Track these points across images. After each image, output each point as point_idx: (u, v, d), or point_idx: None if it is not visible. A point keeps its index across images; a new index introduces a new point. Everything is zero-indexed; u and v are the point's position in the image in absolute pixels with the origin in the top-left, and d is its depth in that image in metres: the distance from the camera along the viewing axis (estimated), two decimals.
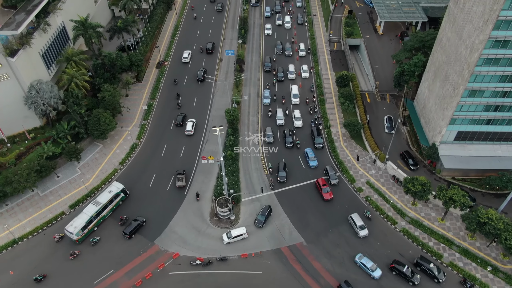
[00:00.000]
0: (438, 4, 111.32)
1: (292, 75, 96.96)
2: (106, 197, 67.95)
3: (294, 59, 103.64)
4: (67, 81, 79.77)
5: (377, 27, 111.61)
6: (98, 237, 66.51)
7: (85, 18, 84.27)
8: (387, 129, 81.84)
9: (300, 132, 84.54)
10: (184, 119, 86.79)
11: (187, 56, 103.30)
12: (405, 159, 75.91)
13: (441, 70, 71.34)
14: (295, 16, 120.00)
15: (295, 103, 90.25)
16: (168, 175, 76.56)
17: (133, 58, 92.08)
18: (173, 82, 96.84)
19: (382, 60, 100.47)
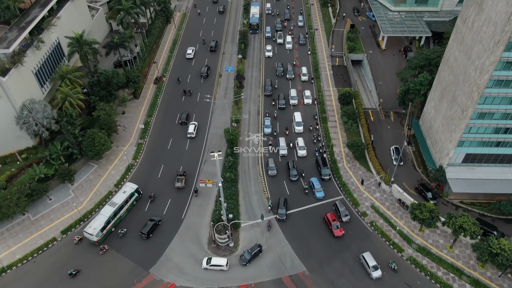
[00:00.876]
0: (441, 18, 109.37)
1: (294, 101, 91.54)
2: (122, 197, 68.71)
3: (296, 83, 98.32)
4: (61, 100, 77.17)
5: (380, 42, 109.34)
6: (125, 229, 67.51)
7: (81, 34, 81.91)
8: (395, 161, 76.32)
9: (304, 161, 79.33)
10: (188, 118, 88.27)
11: (191, 52, 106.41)
12: (422, 193, 71.18)
13: (448, 90, 68.72)
14: (296, 36, 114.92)
15: (299, 131, 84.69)
16: (165, 198, 73.64)
17: (130, 75, 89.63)
18: (177, 80, 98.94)
19: (385, 76, 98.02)
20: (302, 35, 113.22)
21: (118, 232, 67.44)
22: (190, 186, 75.64)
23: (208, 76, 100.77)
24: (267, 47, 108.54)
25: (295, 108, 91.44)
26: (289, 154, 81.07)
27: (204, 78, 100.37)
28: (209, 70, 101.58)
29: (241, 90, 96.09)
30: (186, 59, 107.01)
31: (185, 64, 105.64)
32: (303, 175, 76.05)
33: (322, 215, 69.67)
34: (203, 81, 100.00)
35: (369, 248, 64.66)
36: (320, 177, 75.50)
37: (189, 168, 78.73)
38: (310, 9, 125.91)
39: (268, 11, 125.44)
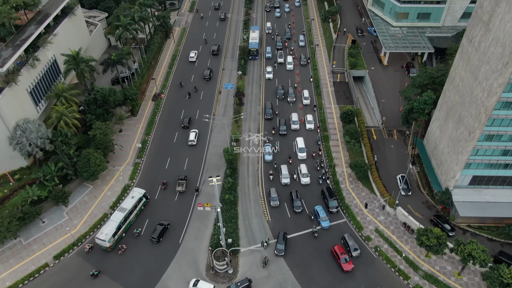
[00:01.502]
0: (444, 34, 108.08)
1: (296, 126, 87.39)
2: (130, 202, 69.24)
3: (297, 107, 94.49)
4: (56, 119, 75.16)
5: (381, 58, 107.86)
6: (140, 228, 68.62)
7: (77, 52, 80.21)
8: (403, 191, 72.26)
9: (307, 190, 75.43)
10: (190, 122, 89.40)
11: (193, 56, 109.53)
12: (439, 225, 67.21)
13: (454, 110, 66.74)
14: (297, 57, 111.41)
15: (302, 158, 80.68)
16: (162, 220, 71.12)
17: (127, 92, 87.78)
18: (179, 85, 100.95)
19: (388, 92, 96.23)
20: (304, 55, 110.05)
21: (134, 232, 68.47)
22: (191, 190, 76.44)
23: (210, 78, 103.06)
24: (267, 68, 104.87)
25: (297, 133, 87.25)
26: (292, 182, 77.07)
27: (207, 80, 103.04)
28: (212, 72, 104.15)
29: (241, 107, 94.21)
30: (189, 62, 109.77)
31: (188, 67, 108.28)
32: (312, 218, 70.46)
33: (326, 241, 67.03)
34: (205, 83, 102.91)
35: (374, 275, 62.04)
36: (328, 210, 70.86)
37: (187, 189, 76.40)
38: (311, 24, 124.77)
39: (269, 31, 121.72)
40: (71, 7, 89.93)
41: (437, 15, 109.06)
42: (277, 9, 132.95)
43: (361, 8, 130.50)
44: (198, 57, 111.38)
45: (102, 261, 64.73)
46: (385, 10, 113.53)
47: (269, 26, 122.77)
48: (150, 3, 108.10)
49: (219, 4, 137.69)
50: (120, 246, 66.26)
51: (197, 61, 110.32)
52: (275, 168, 79.35)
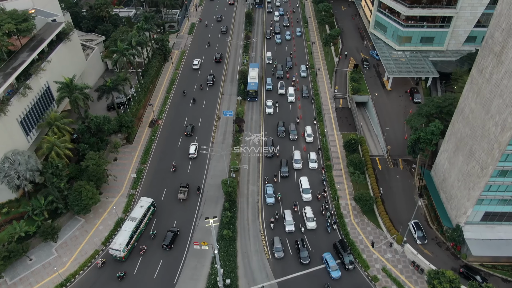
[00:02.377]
0: (447, 58, 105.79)
1: (298, 165, 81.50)
2: (140, 212, 69.52)
3: (300, 144, 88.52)
4: (47, 150, 71.96)
5: (384, 82, 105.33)
6: (155, 230, 70.14)
7: (71, 79, 77.53)
8: (419, 240, 66.48)
9: (313, 235, 69.88)
10: (193, 130, 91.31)
11: (197, 63, 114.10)
12: (470, 278, 61.19)
13: (464, 143, 63.52)
14: (299, 88, 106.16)
15: (307, 199, 75.09)
16: (156, 259, 67.21)
17: (123, 120, 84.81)
18: (182, 93, 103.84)
19: (392, 119, 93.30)
20: (306, 86, 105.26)
21: (150, 234, 69.57)
22: (192, 197, 76.52)
23: (213, 84, 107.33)
24: (267, 102, 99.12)
25: (300, 173, 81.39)
26: (296, 229, 70.86)
27: (210, 86, 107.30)
28: (214, 78, 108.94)
29: (240, 134, 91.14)
30: (193, 70, 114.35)
31: (192, 75, 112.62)
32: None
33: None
34: (208, 89, 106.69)
35: None
36: (344, 267, 64.06)
37: (183, 225, 72.63)
38: (312, 47, 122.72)
39: (269, 61, 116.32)
40: (66, 32, 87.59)
41: (440, 39, 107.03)
42: (277, 35, 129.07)
43: (362, 30, 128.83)
44: (202, 65, 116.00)
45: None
46: (387, 33, 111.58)
47: (270, 56, 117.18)
48: (148, 27, 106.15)
49: (221, 16, 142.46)
50: (141, 247, 67.55)
51: (200, 69, 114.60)
52: (276, 219, 72.24)
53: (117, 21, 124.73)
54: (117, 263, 65.88)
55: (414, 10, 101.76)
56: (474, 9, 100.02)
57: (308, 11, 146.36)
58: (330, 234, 70.37)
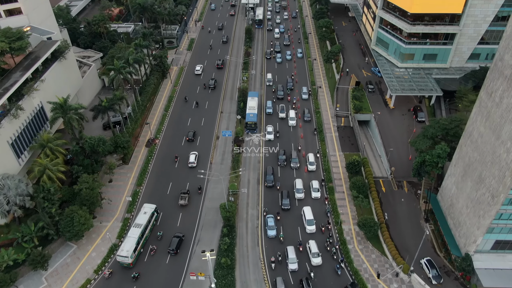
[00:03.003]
0: (451, 75, 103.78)
1: (301, 194, 76.80)
2: (144, 218, 69.67)
3: (302, 172, 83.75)
4: (38, 174, 69.27)
5: (387, 100, 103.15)
6: (162, 231, 71.37)
7: (65, 99, 75.25)
8: (434, 280, 61.73)
9: (320, 273, 64.67)
10: (195, 135, 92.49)
11: (199, 69, 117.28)
12: None
13: (472, 168, 60.86)
14: (301, 112, 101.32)
15: (311, 231, 70.61)
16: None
17: (118, 140, 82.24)
18: (184, 99, 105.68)
19: (395, 139, 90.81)
20: (307, 109, 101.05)
21: (157, 235, 70.74)
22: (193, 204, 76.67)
23: (215, 88, 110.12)
24: (268, 128, 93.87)
25: (303, 202, 76.75)
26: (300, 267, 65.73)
27: (212, 89, 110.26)
28: (216, 82, 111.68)
29: (239, 154, 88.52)
30: (195, 75, 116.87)
31: (194, 80, 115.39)
32: None
33: None
34: (210, 92, 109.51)
35: None
36: None
37: (181, 252, 69.58)
38: (313, 64, 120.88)
39: (269, 83, 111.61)
40: (61, 50, 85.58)
41: (443, 56, 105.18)
42: (278, 54, 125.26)
43: (364, 47, 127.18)
44: (204, 70, 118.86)
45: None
46: (390, 50, 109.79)
47: (270, 78, 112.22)
48: (146, 44, 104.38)
49: (222, 25, 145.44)
50: (152, 247, 68.69)
51: (203, 74, 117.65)
52: (279, 260, 67.07)
53: (115, 37, 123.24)
54: (125, 271, 65.64)
55: (416, 27, 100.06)
56: (478, 26, 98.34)
57: (308, 26, 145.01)
58: (341, 277, 64.74)
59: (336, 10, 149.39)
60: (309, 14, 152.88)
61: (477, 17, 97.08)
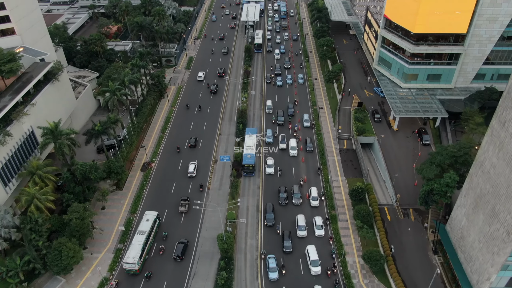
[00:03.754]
0: (456, 96, 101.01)
1: (303, 232, 71.08)
2: (147, 225, 69.91)
3: (304, 209, 77.57)
4: (26, 203, 65.75)
5: (391, 122, 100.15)
6: (166, 232, 72.94)
7: (56, 124, 72.17)
8: None
9: None
10: (197, 141, 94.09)
11: (201, 75, 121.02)
12: None
13: (485, 201, 57.40)
14: (303, 141, 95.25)
15: (316, 273, 65.26)
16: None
17: (112, 165, 78.94)
18: (185, 107, 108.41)
19: (400, 163, 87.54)
20: (309, 138, 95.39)
21: (162, 235, 72.12)
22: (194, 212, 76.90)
23: (216, 92, 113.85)
24: (267, 161, 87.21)
25: (306, 241, 71.20)
26: None
27: (214, 94, 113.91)
28: (217, 87, 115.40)
29: (238, 179, 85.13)
30: (197, 81, 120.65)
31: (197, 86, 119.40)
32: None
33: None
34: (212, 97, 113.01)
35: None
36: None
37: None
38: (314, 83, 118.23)
39: (269, 110, 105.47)
40: (54, 72, 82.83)
41: (448, 77, 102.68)
42: (278, 77, 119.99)
43: (365, 66, 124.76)
44: (206, 77, 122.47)
45: None
46: (392, 70, 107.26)
47: (270, 106, 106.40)
48: (143, 64, 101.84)
49: (223, 35, 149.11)
50: (161, 247, 70.07)
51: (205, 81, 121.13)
52: None
53: (112, 56, 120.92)
54: (131, 279, 65.48)
55: (420, 48, 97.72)
56: (483, 46, 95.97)
57: (309, 44, 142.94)
58: None
59: (337, 27, 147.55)
60: (309, 32, 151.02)
61: (482, 37, 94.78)
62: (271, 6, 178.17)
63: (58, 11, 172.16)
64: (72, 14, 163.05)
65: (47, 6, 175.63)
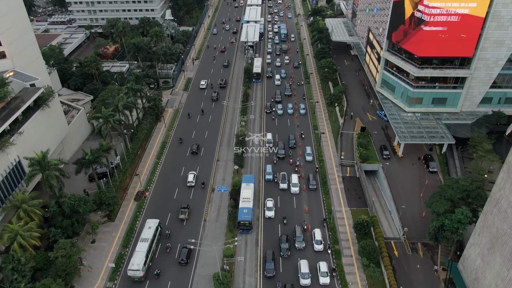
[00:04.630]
0: (462, 121, 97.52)
1: (307, 281, 65.16)
2: (150, 232, 70.78)
3: (307, 254, 71.23)
4: (8, 241, 61.41)
5: (395, 147, 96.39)
6: (169, 231, 75.37)
7: (44, 154, 68.36)
8: None
9: None
10: (199, 148, 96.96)
11: (204, 83, 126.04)
12: None
13: (502, 242, 53.12)
14: (305, 179, 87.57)
15: None
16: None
17: (103, 196, 74.79)
18: (187, 116, 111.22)
19: (406, 192, 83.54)
20: (312, 175, 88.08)
21: (166, 233, 74.94)
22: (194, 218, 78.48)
23: (217, 99, 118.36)
24: (267, 203, 79.96)
25: None
26: None
27: (215, 101, 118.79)
28: (218, 95, 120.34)
29: (236, 210, 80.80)
30: (200, 89, 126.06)
31: (199, 93, 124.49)
32: None
33: None
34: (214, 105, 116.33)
35: None
36: None
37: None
38: (315, 106, 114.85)
39: (269, 144, 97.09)
40: (45, 98, 79.37)
41: (454, 100, 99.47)
42: (278, 105, 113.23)
43: (368, 87, 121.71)
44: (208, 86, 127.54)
45: None
46: (396, 93, 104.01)
47: (270, 139, 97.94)
48: (139, 87, 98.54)
49: (224, 47, 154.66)
50: (167, 245, 72.51)
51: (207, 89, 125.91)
52: None
53: (108, 78, 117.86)
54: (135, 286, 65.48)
55: (425, 71, 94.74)
56: (490, 69, 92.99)
57: (309, 65, 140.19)
58: None
59: (338, 48, 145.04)
60: (310, 53, 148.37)
61: (489, 61, 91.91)
62: (271, 27, 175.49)
63: (55, 31, 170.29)
64: (69, 34, 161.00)
65: (45, 26, 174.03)
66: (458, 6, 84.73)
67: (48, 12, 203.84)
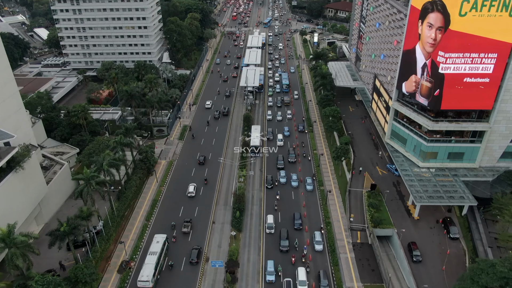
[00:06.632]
0: (482, 178, 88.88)
1: None
2: (158, 246, 72.94)
3: None
4: None
5: (410, 208, 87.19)
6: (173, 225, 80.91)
7: (9, 229, 59.04)
8: None
9: None
10: (205, 159, 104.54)
11: (209, 103, 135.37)
12: None
13: None
14: (315, 276, 72.07)
15: None
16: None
17: (80, 273, 64.73)
18: (191, 137, 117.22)
19: (426, 263, 74.00)
20: (324, 271, 71.97)
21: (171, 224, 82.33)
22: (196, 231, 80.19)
23: (219, 118, 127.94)
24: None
25: None
26: None
27: (216, 118, 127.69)
28: (220, 114, 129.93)
29: (234, 285, 70.62)
30: (205, 109, 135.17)
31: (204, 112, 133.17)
32: None
33: None
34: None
35: None
36: None
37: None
38: (320, 159, 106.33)
39: (270, 230, 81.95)
40: (18, 160, 70.85)
41: (471, 155, 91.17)
42: (281, 172, 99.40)
43: (375, 137, 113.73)
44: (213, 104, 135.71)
45: None
46: (408, 146, 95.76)
47: (271, 223, 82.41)
48: (128, 142, 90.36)
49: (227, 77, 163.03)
50: (173, 236, 79.33)
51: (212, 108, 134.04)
52: None
53: (98, 128, 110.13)
54: None
55: (440, 124, 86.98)
56: (510, 123, 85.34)
57: (312, 112, 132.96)
58: None
59: (342, 93, 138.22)
60: (313, 100, 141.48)
61: (509, 113, 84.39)
62: (272, 74, 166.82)
63: (49, 74, 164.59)
64: (62, 78, 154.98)
65: (38, 68, 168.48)
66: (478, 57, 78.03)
67: (44, 53, 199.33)
